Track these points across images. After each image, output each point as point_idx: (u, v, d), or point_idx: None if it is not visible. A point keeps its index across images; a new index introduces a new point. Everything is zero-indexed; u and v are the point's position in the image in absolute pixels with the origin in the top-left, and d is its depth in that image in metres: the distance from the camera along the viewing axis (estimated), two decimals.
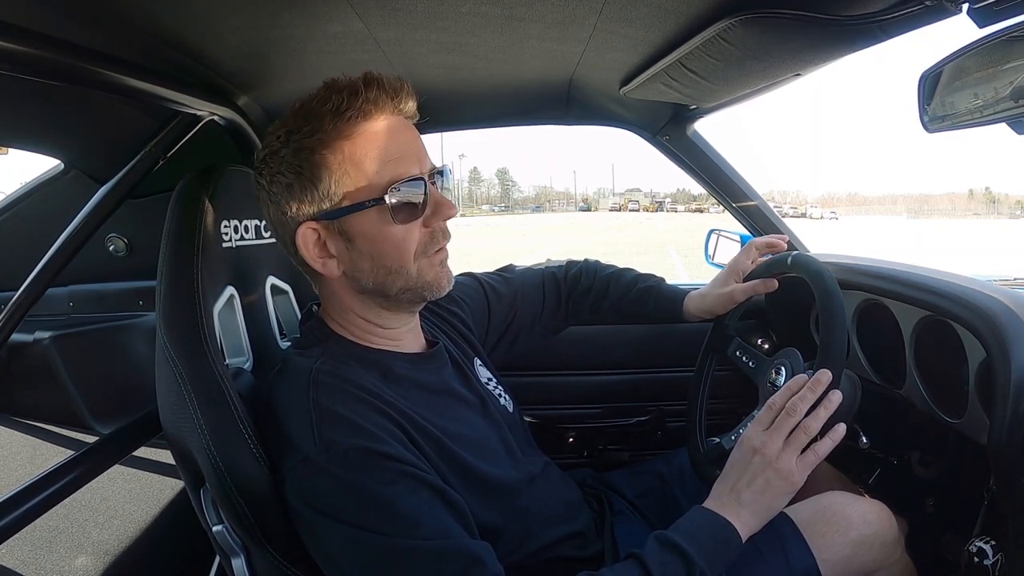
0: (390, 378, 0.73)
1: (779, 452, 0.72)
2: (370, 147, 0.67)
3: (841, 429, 0.74)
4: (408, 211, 0.68)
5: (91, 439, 1.33)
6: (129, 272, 1.45)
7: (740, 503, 0.71)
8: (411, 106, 0.71)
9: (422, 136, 0.74)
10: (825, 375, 0.75)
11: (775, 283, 0.99)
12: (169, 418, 0.71)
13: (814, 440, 0.73)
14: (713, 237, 1.60)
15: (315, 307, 0.81)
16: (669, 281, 1.09)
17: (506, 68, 1.06)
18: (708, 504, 0.73)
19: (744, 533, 0.70)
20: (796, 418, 0.73)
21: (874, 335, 1.12)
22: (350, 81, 0.67)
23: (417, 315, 0.81)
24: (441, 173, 0.73)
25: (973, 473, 0.93)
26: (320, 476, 0.61)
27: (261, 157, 0.70)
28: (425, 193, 0.69)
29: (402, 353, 0.78)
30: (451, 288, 0.75)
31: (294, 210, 0.69)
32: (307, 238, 0.69)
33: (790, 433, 0.73)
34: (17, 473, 1.33)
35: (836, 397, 0.75)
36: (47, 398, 1.49)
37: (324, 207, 0.68)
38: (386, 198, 0.66)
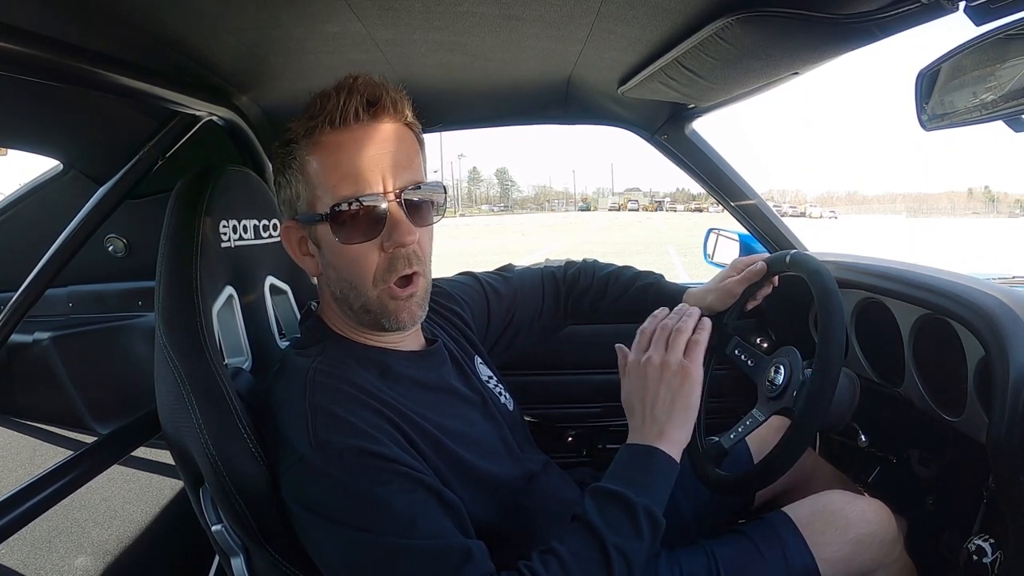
0: (388, 376, 0.73)
1: (664, 356, 0.71)
2: (331, 159, 0.67)
3: (707, 322, 0.75)
4: (358, 231, 0.66)
5: (90, 439, 1.33)
6: (128, 272, 1.45)
7: (656, 421, 0.69)
8: (399, 109, 0.68)
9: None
10: (683, 307, 0.78)
11: (764, 266, 0.99)
12: (168, 418, 0.71)
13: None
14: (712, 236, 1.60)
15: (314, 305, 0.81)
16: (669, 280, 1.09)
17: (504, 68, 1.06)
18: (628, 441, 0.71)
19: (674, 450, 0.69)
20: (668, 332, 0.74)
21: (873, 334, 1.12)
22: (336, 83, 0.67)
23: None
24: (417, 187, 0.69)
25: (972, 471, 0.93)
26: (315, 476, 0.61)
27: (275, 147, 0.73)
28: (380, 214, 0.66)
29: (401, 351, 0.78)
30: (414, 326, 0.75)
31: (283, 203, 0.73)
32: (289, 234, 0.73)
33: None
34: (17, 473, 1.33)
35: (696, 311, 0.76)
36: (46, 398, 1.49)
37: (300, 210, 0.71)
38: (327, 217, 0.67)
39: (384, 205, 0.66)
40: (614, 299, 1.07)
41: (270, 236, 0.91)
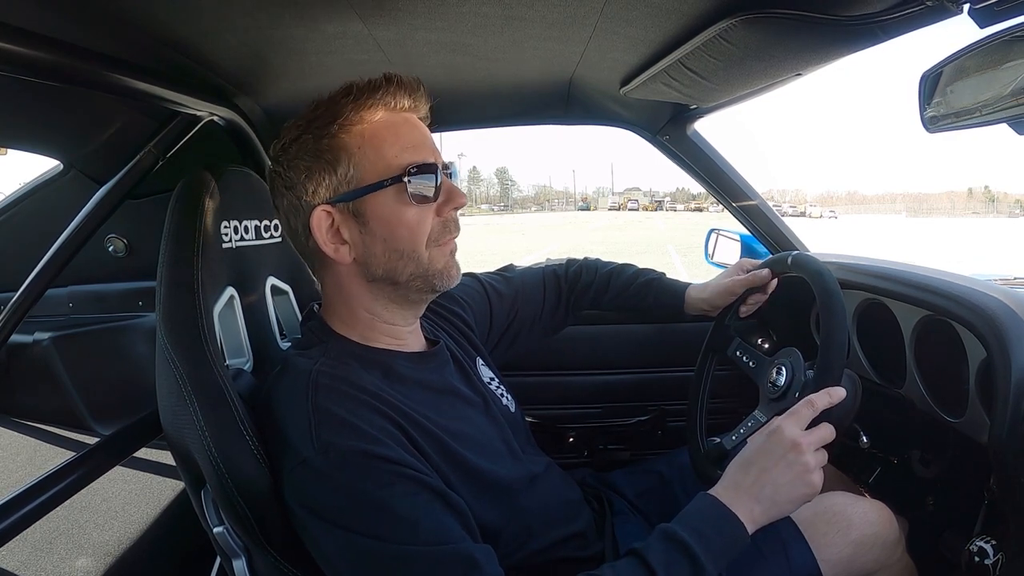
0: (392, 377, 0.73)
1: (816, 460, 0.68)
2: (388, 132, 0.70)
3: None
4: (424, 193, 0.70)
5: (91, 440, 1.33)
6: (129, 273, 1.45)
7: (757, 498, 0.66)
8: (425, 108, 0.75)
9: None
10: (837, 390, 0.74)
11: (769, 274, 0.99)
12: (169, 419, 0.71)
13: None
14: (713, 236, 1.60)
15: (316, 307, 0.81)
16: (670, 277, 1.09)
17: (506, 68, 1.06)
18: (718, 493, 0.68)
19: (751, 529, 0.66)
20: (829, 432, 0.70)
21: (874, 335, 1.12)
22: (370, 79, 0.71)
23: (419, 317, 0.81)
24: (449, 169, 0.75)
25: (973, 472, 0.93)
26: (318, 479, 0.61)
27: (279, 146, 0.72)
28: (438, 181, 0.71)
29: (404, 352, 0.77)
30: (460, 280, 0.77)
31: (310, 194, 0.70)
32: (321, 222, 0.70)
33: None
34: (17, 475, 1.33)
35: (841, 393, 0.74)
36: (47, 399, 1.49)
37: (341, 190, 0.70)
38: (404, 178, 0.69)
39: (438, 175, 0.71)
40: (615, 295, 1.08)
41: (271, 237, 0.91)
